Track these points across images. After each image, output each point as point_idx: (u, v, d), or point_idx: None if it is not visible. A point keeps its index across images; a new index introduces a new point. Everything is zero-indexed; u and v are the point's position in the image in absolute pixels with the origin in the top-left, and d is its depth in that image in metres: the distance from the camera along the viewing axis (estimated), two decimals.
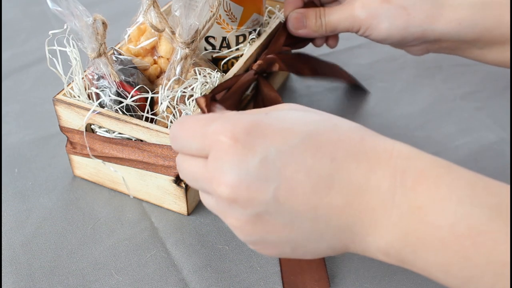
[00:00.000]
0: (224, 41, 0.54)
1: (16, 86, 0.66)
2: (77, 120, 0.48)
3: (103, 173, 0.51)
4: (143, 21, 0.50)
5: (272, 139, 0.32)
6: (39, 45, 0.72)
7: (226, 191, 0.32)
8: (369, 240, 0.32)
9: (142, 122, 0.45)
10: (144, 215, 0.50)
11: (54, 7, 0.41)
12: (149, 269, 0.46)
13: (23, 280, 0.45)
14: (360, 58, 0.71)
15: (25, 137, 0.58)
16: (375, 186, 0.31)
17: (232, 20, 0.52)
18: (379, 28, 0.52)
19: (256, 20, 0.54)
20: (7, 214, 0.50)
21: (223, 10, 0.51)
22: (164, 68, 0.50)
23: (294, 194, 0.32)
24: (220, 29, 0.53)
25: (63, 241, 0.48)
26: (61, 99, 0.47)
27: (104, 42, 0.44)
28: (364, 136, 0.33)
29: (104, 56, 0.45)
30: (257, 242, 0.34)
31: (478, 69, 0.69)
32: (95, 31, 0.43)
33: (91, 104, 0.46)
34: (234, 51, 0.54)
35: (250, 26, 0.54)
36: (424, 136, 0.59)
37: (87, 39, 0.43)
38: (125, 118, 0.45)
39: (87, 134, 0.48)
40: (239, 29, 0.53)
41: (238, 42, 0.54)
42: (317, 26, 0.55)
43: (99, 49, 0.44)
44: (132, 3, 0.52)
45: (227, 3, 0.51)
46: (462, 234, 0.29)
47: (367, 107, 0.63)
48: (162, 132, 0.44)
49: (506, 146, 0.58)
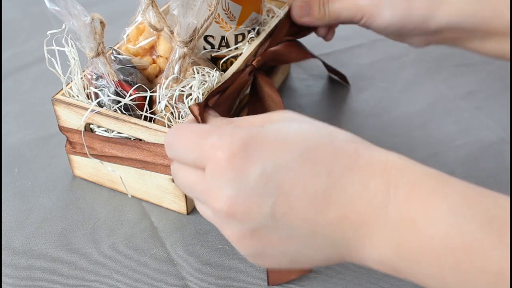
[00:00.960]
0: (223, 40, 0.54)
1: (16, 86, 0.66)
2: (76, 119, 0.48)
3: (103, 173, 0.51)
4: (141, 21, 0.50)
5: (269, 154, 0.32)
6: (39, 45, 0.72)
7: (224, 206, 0.33)
8: (364, 252, 0.32)
9: (140, 121, 0.45)
10: (143, 215, 0.50)
11: (52, 6, 0.41)
12: (149, 269, 0.46)
13: (23, 280, 0.45)
14: (360, 58, 0.71)
15: (25, 137, 0.58)
16: (369, 199, 0.31)
17: (231, 19, 0.52)
18: (381, 16, 0.54)
19: (255, 19, 0.54)
20: (7, 214, 0.50)
21: (222, 9, 0.51)
22: (163, 68, 0.50)
23: (291, 209, 0.32)
24: (219, 28, 0.53)
25: (63, 241, 0.48)
26: (60, 99, 0.47)
27: (103, 41, 0.44)
28: (359, 148, 0.33)
29: (103, 56, 0.45)
30: (255, 255, 0.35)
31: (478, 69, 0.69)
32: (93, 30, 0.43)
33: (90, 104, 0.46)
34: (233, 50, 0.54)
35: (249, 25, 0.54)
36: (424, 136, 0.59)
37: (85, 38, 0.43)
38: (124, 117, 0.45)
39: (86, 133, 0.48)
40: (238, 28, 0.53)
41: (237, 41, 0.54)
42: (320, 14, 0.57)
43: (97, 49, 0.44)
44: (131, 3, 0.52)
45: (226, 2, 0.51)
46: (455, 245, 0.29)
47: (367, 107, 0.63)
48: (160, 131, 0.44)
49: (506, 146, 0.58)
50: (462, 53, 0.72)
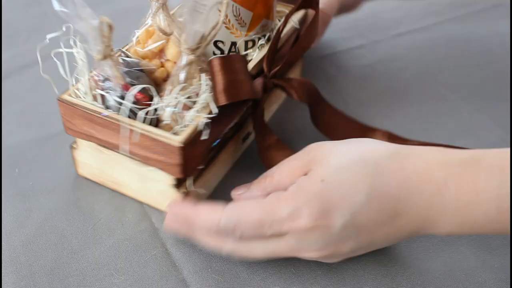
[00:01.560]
0: (233, 46, 0.53)
1: (16, 86, 0.66)
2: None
3: (106, 174, 0.51)
4: (151, 24, 0.50)
5: (342, 207, 0.39)
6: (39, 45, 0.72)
7: (315, 256, 0.41)
8: (433, 232, 0.41)
9: (141, 124, 0.44)
10: (144, 216, 0.50)
11: (61, 8, 0.41)
12: (150, 270, 0.46)
13: (23, 280, 0.45)
14: (361, 59, 0.71)
15: (25, 137, 0.58)
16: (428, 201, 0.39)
17: (242, 25, 0.52)
18: None
19: (266, 26, 0.54)
20: (7, 214, 0.50)
21: (233, 15, 0.51)
22: (170, 72, 0.49)
23: (372, 239, 0.40)
24: (229, 34, 0.52)
25: (64, 241, 0.48)
26: (66, 99, 0.47)
27: (110, 44, 0.44)
28: (403, 163, 0.40)
29: (110, 58, 0.45)
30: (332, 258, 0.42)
31: (478, 70, 0.69)
32: (101, 33, 0.43)
33: (95, 105, 0.46)
34: None
35: (260, 32, 0.53)
36: (424, 136, 0.59)
37: (92, 41, 0.43)
38: (126, 120, 0.45)
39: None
40: (248, 35, 0.53)
41: (247, 48, 0.53)
42: None
43: (104, 52, 0.44)
44: (139, 2, 0.52)
45: (237, 8, 0.50)
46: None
47: (368, 108, 0.63)
48: (163, 136, 0.44)
49: (506, 147, 0.58)
50: (462, 54, 0.72)
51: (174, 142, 0.43)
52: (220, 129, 0.49)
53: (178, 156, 0.43)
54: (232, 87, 0.46)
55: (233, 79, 0.46)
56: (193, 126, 0.44)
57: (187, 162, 0.44)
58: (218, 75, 0.46)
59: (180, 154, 0.43)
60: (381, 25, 0.78)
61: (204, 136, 0.45)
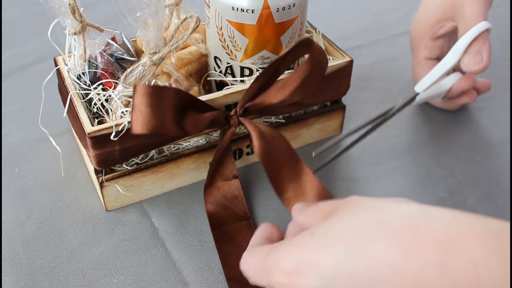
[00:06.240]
0: (229, 68, 0.51)
1: (16, 86, 0.66)
2: None
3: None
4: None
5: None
6: (39, 45, 0.72)
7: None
8: None
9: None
10: (144, 216, 0.50)
11: None
12: (149, 269, 0.46)
13: (23, 280, 0.45)
14: (361, 59, 0.71)
15: (25, 137, 0.58)
16: None
17: (236, 49, 0.50)
18: None
19: (268, 58, 0.50)
20: (7, 214, 0.50)
21: (227, 36, 0.49)
22: None
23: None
24: (225, 54, 0.50)
25: (64, 241, 0.48)
26: None
27: (83, 19, 0.47)
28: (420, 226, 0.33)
29: (81, 34, 0.47)
30: None
31: None
32: (71, 9, 0.45)
33: None
34: (238, 81, 0.51)
35: (258, 63, 0.50)
36: (424, 137, 0.59)
37: (66, 15, 0.46)
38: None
39: None
40: (243, 61, 0.50)
41: (243, 74, 0.51)
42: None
43: (75, 27, 0.47)
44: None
45: (231, 30, 0.48)
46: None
47: (368, 108, 0.63)
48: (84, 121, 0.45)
49: (506, 146, 0.58)
50: None
51: (86, 129, 0.44)
52: (138, 141, 0.46)
53: (89, 144, 0.45)
54: (150, 120, 0.42)
55: (153, 113, 0.42)
56: (111, 124, 0.45)
57: (98, 154, 0.45)
58: (140, 104, 0.41)
59: (90, 142, 0.44)
60: (381, 25, 0.78)
61: (112, 138, 0.45)
